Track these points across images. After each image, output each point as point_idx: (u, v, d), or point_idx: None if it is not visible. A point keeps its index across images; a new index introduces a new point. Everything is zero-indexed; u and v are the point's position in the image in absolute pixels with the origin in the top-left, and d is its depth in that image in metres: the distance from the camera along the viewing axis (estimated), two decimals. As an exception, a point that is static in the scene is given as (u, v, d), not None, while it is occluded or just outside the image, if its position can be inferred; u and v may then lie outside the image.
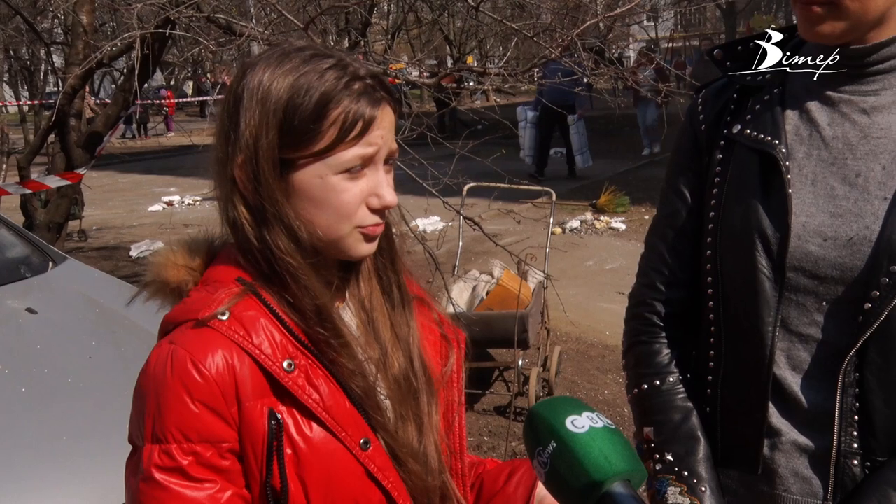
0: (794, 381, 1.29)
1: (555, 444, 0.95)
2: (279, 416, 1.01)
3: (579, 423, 0.95)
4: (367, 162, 1.04)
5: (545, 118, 11.54)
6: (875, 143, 1.25)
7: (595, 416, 0.97)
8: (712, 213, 1.35)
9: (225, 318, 1.01)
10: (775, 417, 1.31)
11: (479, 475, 1.27)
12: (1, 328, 3.02)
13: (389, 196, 1.06)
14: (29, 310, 3.06)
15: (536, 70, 5.02)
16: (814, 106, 1.30)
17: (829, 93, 1.29)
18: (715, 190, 1.35)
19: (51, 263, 3.52)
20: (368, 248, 1.09)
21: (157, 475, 0.98)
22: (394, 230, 1.17)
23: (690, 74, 8.40)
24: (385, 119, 1.05)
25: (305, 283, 1.04)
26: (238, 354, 1.00)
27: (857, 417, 1.25)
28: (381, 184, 1.06)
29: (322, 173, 1.03)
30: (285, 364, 1.02)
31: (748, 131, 1.33)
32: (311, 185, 1.03)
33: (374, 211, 1.07)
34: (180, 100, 22.25)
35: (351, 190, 1.04)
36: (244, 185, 1.04)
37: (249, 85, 1.03)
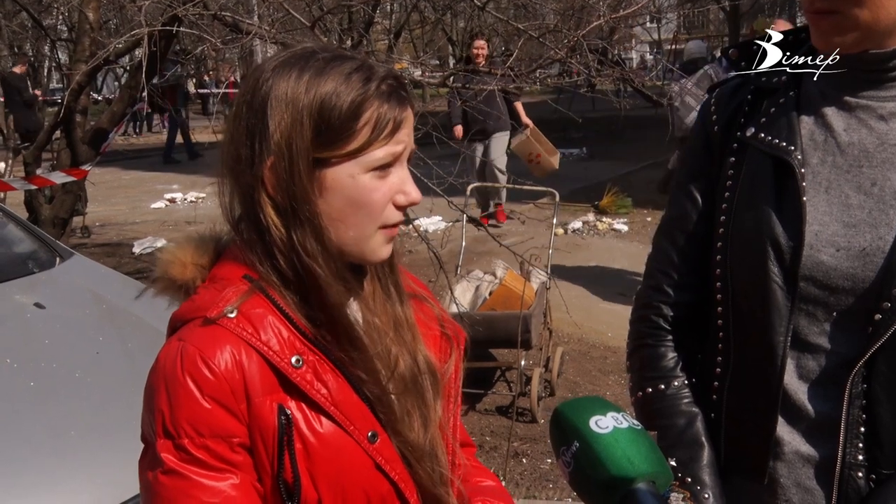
0: (800, 390, 1.27)
1: (578, 444, 0.95)
2: (288, 412, 1.03)
3: (603, 423, 0.95)
4: (394, 160, 1.07)
5: None
6: (892, 150, 1.22)
7: (621, 416, 0.97)
8: (723, 218, 1.32)
9: (233, 315, 1.03)
10: (780, 426, 1.28)
11: None
12: (9, 323, 3.05)
13: (415, 192, 1.10)
14: (37, 304, 3.08)
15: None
16: (830, 111, 1.27)
17: (846, 98, 1.26)
18: (727, 194, 1.32)
19: (58, 259, 3.54)
20: (388, 251, 1.12)
21: (177, 467, 1.00)
22: None
23: None
24: (410, 118, 1.09)
25: (326, 285, 1.05)
26: (246, 351, 1.02)
27: (863, 429, 1.23)
28: (407, 181, 1.09)
29: (354, 172, 1.05)
30: (293, 360, 1.03)
31: (762, 135, 1.29)
32: (343, 184, 1.05)
33: (398, 208, 1.10)
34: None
35: (380, 189, 1.07)
36: (274, 187, 1.04)
37: (276, 91, 1.04)
